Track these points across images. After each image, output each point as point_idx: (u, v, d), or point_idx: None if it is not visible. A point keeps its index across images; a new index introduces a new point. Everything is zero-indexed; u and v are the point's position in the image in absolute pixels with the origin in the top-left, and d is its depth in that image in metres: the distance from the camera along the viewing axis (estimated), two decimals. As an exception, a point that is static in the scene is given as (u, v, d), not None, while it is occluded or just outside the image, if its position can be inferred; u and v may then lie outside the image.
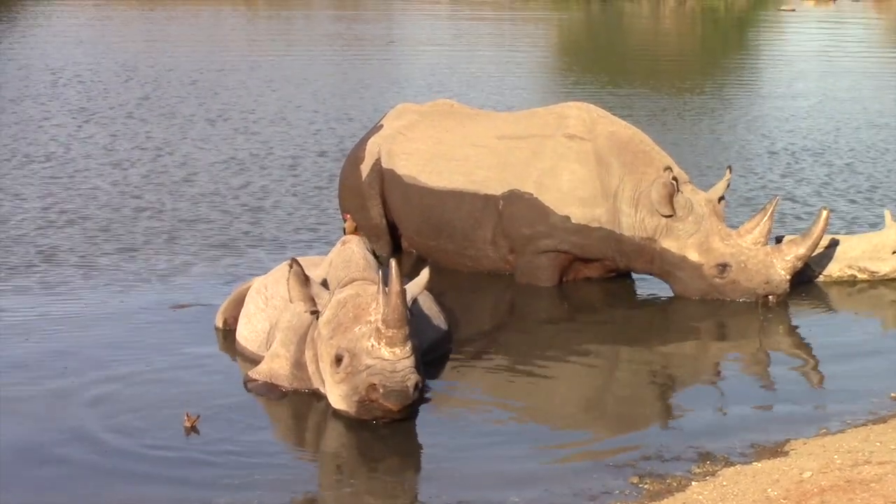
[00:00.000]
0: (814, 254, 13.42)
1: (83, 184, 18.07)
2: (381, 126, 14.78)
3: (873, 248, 14.00)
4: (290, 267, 9.97)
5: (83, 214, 16.18)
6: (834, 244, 14.02)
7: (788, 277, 13.03)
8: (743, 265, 13.01)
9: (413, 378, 9.45)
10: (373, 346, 9.49)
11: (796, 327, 12.74)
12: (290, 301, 10.11)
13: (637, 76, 33.29)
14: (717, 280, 13.10)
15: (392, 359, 9.45)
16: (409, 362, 9.48)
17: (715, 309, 13.01)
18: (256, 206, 16.96)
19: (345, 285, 10.07)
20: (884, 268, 13.96)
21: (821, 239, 13.21)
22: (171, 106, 25.70)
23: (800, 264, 13.09)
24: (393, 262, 9.46)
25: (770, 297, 13.03)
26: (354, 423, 9.78)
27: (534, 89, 30.85)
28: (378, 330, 9.50)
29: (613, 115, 14.06)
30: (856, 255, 13.98)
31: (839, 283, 13.96)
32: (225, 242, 15.06)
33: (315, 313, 10.04)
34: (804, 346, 12.18)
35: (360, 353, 9.55)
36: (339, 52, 38.08)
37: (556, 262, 13.58)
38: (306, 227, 15.92)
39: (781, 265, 13.00)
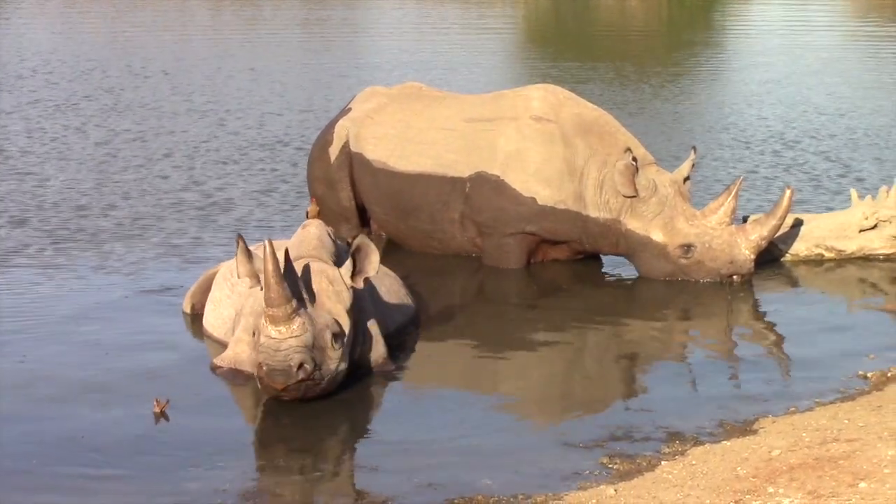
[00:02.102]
0: (779, 233, 13.47)
1: (51, 173, 18.00)
2: (350, 109, 14.76)
3: (840, 227, 14.04)
4: (237, 243, 9.97)
5: (51, 203, 16.12)
6: (800, 224, 14.06)
7: (753, 257, 13.06)
8: (707, 245, 13.05)
9: (297, 357, 9.46)
10: (264, 324, 9.56)
11: (764, 306, 12.79)
12: (238, 276, 10.12)
13: (604, 59, 33.27)
14: (682, 260, 13.13)
15: (278, 337, 9.48)
16: (295, 341, 9.49)
17: (683, 289, 13.05)
18: (224, 193, 16.89)
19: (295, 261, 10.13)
20: (850, 246, 14.01)
21: (785, 218, 13.24)
22: (136, 97, 25.47)
23: (764, 244, 13.12)
24: (266, 242, 9.46)
25: (735, 277, 13.07)
26: (323, 407, 9.79)
27: (501, 72, 30.82)
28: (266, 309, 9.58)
29: (580, 97, 14.07)
30: (822, 234, 14.03)
31: (806, 262, 14.00)
32: (192, 229, 15.00)
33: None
34: (772, 326, 12.22)
35: (259, 330, 9.65)
36: (306, 39, 37.92)
37: (523, 243, 13.59)
38: (274, 213, 15.85)
39: (745, 245, 13.03)
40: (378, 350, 10.49)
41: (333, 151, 14.51)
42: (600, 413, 9.86)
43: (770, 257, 13.74)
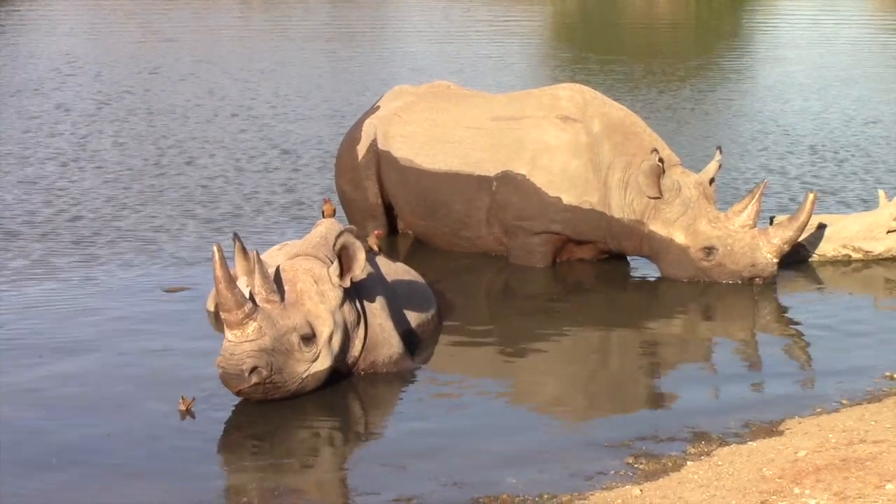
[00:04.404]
0: (803, 236, 13.43)
1: (77, 174, 18.10)
2: (378, 107, 14.78)
3: (867, 228, 14.01)
4: (234, 241, 9.98)
5: (71, 207, 16.20)
6: (824, 226, 14.01)
7: (775, 261, 13.02)
8: (729, 248, 13.01)
9: (249, 362, 9.49)
10: (225, 328, 9.63)
11: (790, 307, 12.74)
12: (238, 275, 10.14)
13: (632, 58, 33.22)
14: (704, 263, 13.10)
15: (234, 341, 9.54)
16: (250, 346, 9.52)
17: (709, 290, 13.02)
18: (250, 193, 16.93)
19: (290, 259, 10.14)
20: (878, 247, 13.97)
21: (807, 222, 13.17)
22: (162, 100, 25.36)
23: (787, 247, 13.07)
24: (214, 248, 9.50)
25: (756, 280, 13.04)
26: (346, 406, 9.84)
27: (529, 71, 30.78)
28: None
29: (607, 97, 14.05)
30: (850, 234, 13.99)
31: (834, 262, 13.97)
32: (218, 228, 15.01)
33: None
34: (798, 326, 12.17)
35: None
36: (335, 39, 37.86)
37: (548, 243, 13.59)
38: (301, 214, 15.84)
39: (768, 248, 12.99)
40: (391, 348, 10.44)
41: (361, 149, 14.53)
42: (626, 413, 9.85)
43: (797, 258, 13.72)
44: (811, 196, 13.03)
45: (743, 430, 9.41)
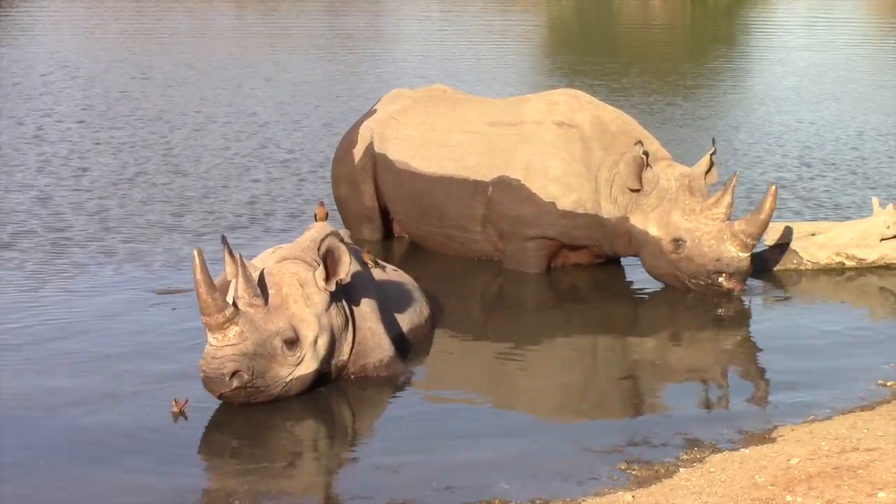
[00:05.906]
0: (799, 242, 13.39)
1: (68, 180, 18.08)
2: (375, 111, 14.80)
3: (861, 236, 14.02)
4: (222, 244, 9.99)
5: (60, 211, 16.17)
6: (799, 233, 13.98)
7: (742, 255, 12.78)
8: (697, 241, 12.86)
9: (230, 366, 9.49)
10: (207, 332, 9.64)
11: (784, 314, 12.73)
12: (229, 278, 10.14)
13: (627, 63, 33.26)
14: (673, 255, 12.94)
15: (215, 345, 9.55)
16: (231, 350, 9.51)
17: (703, 297, 12.97)
18: (244, 197, 16.89)
19: (277, 262, 10.15)
20: (871, 255, 13.98)
21: (771, 215, 12.85)
22: (152, 105, 25.21)
23: (752, 241, 12.77)
24: (195, 252, 9.51)
25: (723, 278, 12.88)
26: (339, 410, 9.85)
27: (525, 76, 30.80)
28: None
29: (603, 102, 14.04)
30: (843, 242, 14.00)
31: (827, 270, 13.98)
32: (212, 231, 14.98)
33: None
34: (792, 333, 12.16)
35: None
36: (329, 46, 37.83)
37: (543, 248, 13.60)
38: (295, 220, 15.78)
39: (731, 241, 12.81)
40: (381, 352, 10.41)
41: (357, 152, 14.54)
42: (619, 419, 9.86)
43: (790, 265, 13.73)
44: (773, 188, 12.82)
45: (736, 436, 9.42)
